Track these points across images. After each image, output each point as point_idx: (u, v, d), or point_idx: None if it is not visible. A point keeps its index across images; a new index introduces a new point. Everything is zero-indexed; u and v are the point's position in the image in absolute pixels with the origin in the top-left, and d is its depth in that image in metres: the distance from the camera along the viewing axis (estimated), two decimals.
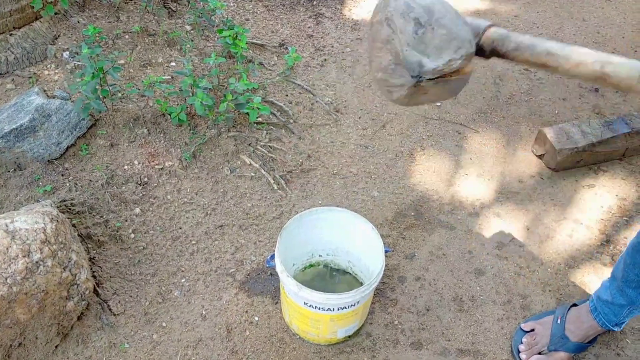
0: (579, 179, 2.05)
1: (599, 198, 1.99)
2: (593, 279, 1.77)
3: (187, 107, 2.02)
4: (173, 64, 2.25)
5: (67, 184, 1.84)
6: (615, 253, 1.83)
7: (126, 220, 1.80)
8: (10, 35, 2.07)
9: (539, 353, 1.57)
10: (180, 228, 1.82)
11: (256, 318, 1.64)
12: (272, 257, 1.53)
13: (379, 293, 1.72)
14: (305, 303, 1.48)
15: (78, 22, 2.27)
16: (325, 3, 2.77)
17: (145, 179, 1.90)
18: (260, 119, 2.14)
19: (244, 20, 2.62)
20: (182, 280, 1.71)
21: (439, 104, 2.31)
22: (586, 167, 2.09)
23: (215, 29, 2.43)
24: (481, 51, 1.06)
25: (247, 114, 2.06)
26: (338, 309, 1.48)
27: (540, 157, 2.12)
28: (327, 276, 1.75)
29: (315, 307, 1.47)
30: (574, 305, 1.63)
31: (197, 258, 1.76)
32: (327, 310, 1.47)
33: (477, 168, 2.09)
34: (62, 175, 1.86)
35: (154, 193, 1.88)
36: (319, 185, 1.99)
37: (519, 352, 1.58)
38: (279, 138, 2.11)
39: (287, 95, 2.28)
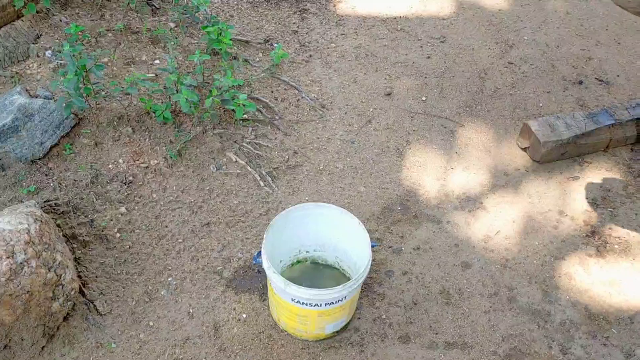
0: (563, 171, 2.07)
1: (583, 190, 2.01)
2: (579, 270, 1.79)
3: (172, 105, 2.01)
4: (157, 61, 2.23)
5: (51, 184, 1.82)
6: (600, 244, 1.85)
7: (111, 220, 1.79)
8: None
9: None
10: (167, 226, 1.81)
11: (244, 315, 1.64)
12: (259, 254, 1.53)
13: (367, 288, 1.73)
14: (292, 299, 1.48)
15: (60, 20, 2.25)
16: None
17: (131, 178, 1.89)
18: (245, 116, 2.13)
19: (228, 16, 2.61)
20: (169, 279, 1.70)
21: (424, 98, 2.32)
22: (571, 159, 2.10)
23: (199, 26, 2.42)
24: None
25: (233, 110, 2.05)
26: (325, 305, 1.48)
27: (525, 149, 2.13)
28: (314, 272, 1.75)
29: (303, 303, 1.47)
30: None
31: (184, 256, 1.75)
32: (314, 306, 1.48)
33: (463, 162, 2.09)
34: (46, 175, 1.85)
35: (139, 192, 1.87)
36: (305, 182, 1.99)
37: None
38: (265, 135, 2.11)
39: (272, 92, 2.27)
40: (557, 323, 1.66)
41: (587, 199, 1.98)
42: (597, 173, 2.06)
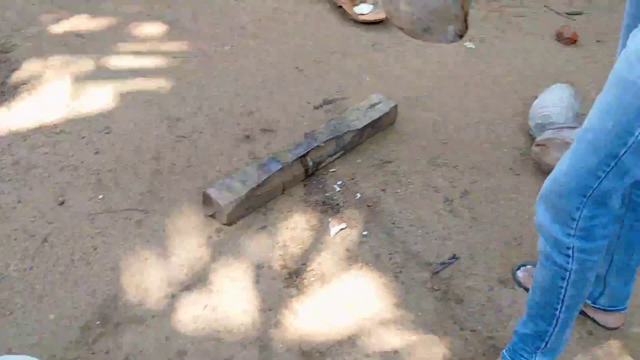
0: (251, 225, 2.15)
1: (273, 236, 2.11)
2: (286, 314, 1.86)
3: None
4: None
5: None
6: (299, 282, 1.96)
7: None
8: None
9: None
10: None
11: None
12: None
13: None
14: None
15: None
16: None
17: None
18: None
19: None
20: None
21: (100, 196, 2.22)
22: (255, 212, 2.20)
23: None
24: None
25: None
26: None
27: (212, 216, 2.17)
28: None
29: None
30: None
31: None
32: None
33: (156, 248, 2.04)
34: None
35: None
36: None
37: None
38: None
39: None
40: None
41: (278, 243, 2.09)
42: (281, 216, 2.20)
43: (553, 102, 2.49)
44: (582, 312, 1.83)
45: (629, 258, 1.66)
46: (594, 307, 1.79)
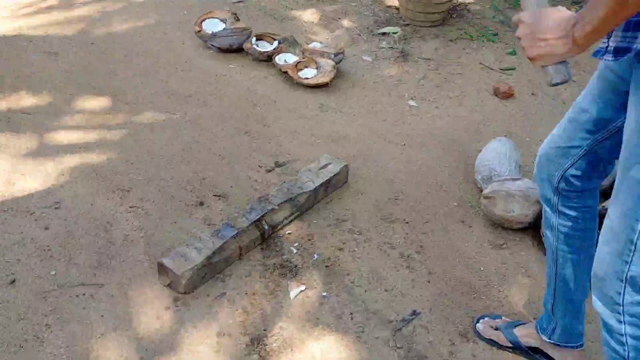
0: (210, 293, 2.13)
1: (231, 303, 2.09)
2: None
3: None
4: None
5: None
6: (261, 349, 1.93)
7: None
8: None
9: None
10: None
11: None
12: None
13: None
14: None
15: None
16: None
17: None
18: None
19: None
20: None
21: (53, 272, 2.15)
22: (213, 279, 2.18)
23: None
24: None
25: None
26: None
27: (169, 286, 2.13)
28: None
29: None
30: None
31: None
32: None
33: (113, 322, 1.99)
34: None
35: None
36: None
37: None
38: None
39: None
40: None
41: (237, 310, 2.06)
42: (240, 282, 2.18)
43: (495, 155, 2.61)
44: (540, 351, 1.87)
45: (570, 292, 1.72)
46: (549, 342, 1.83)
